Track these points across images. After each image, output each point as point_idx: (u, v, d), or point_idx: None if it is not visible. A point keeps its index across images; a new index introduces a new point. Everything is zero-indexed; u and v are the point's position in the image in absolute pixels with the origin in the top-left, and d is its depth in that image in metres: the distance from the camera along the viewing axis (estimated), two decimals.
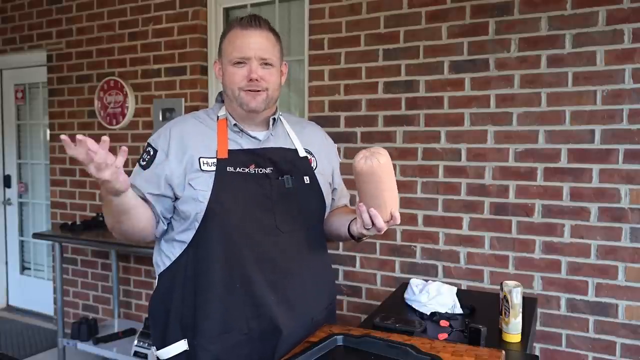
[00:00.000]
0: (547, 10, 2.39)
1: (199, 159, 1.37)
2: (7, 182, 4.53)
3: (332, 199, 1.62)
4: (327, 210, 1.57)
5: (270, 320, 1.38)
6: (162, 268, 1.45)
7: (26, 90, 4.41)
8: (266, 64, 1.38)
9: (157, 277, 1.48)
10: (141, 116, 3.58)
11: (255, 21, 1.38)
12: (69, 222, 3.58)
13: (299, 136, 1.53)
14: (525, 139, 2.47)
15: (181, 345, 1.39)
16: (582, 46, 2.34)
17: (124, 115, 3.60)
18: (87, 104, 3.81)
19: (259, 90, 1.37)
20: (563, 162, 2.40)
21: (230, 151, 1.39)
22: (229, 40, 1.40)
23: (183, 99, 3.38)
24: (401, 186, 2.73)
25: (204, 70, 3.37)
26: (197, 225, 1.35)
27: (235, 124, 1.42)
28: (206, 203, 1.33)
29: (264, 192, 1.39)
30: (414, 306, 1.86)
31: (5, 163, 4.54)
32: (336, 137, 2.86)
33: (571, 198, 2.39)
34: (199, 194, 1.34)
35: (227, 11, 3.39)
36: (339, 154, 2.85)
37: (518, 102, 2.47)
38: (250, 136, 1.43)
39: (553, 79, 2.40)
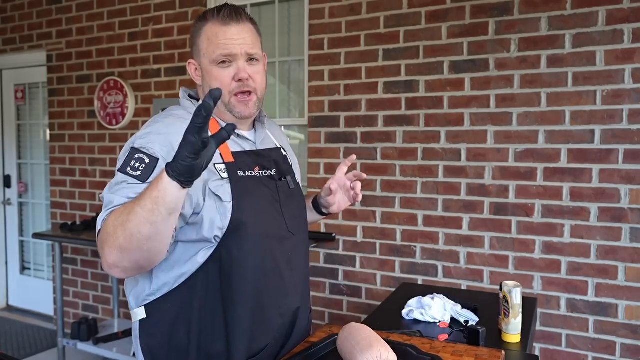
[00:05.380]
0: (547, 10, 2.39)
1: (214, 165, 1.21)
2: (7, 182, 4.52)
3: None
4: None
5: (291, 325, 1.34)
6: (158, 296, 1.23)
7: (26, 90, 4.41)
8: (251, 59, 1.27)
9: (143, 307, 1.25)
10: (141, 116, 3.57)
11: (235, 14, 1.24)
12: (69, 222, 3.58)
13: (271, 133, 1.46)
14: (525, 139, 2.47)
15: None
16: (582, 46, 2.34)
17: (123, 115, 3.60)
18: (87, 104, 3.81)
19: (249, 92, 1.27)
20: (563, 162, 2.40)
21: (233, 154, 1.27)
22: (207, 37, 1.24)
23: None
24: (401, 186, 2.74)
25: None
26: (217, 242, 1.20)
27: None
28: (230, 216, 1.19)
29: (273, 195, 1.31)
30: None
31: (5, 163, 4.54)
32: (336, 137, 2.88)
33: (571, 198, 2.39)
34: (226, 206, 1.19)
35: None
36: (339, 154, 2.87)
37: (518, 102, 2.47)
38: (246, 137, 1.34)
39: (553, 79, 2.40)
